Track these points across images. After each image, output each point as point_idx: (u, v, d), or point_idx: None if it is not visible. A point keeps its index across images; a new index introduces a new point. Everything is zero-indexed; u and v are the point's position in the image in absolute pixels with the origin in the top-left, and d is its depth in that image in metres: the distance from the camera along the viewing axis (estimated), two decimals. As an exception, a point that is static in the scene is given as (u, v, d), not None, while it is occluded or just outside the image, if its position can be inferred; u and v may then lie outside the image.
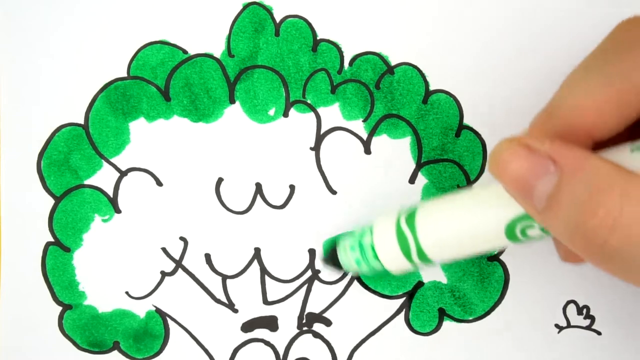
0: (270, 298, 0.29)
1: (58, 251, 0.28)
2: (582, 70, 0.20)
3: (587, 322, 0.29)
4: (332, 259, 0.27)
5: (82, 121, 0.29)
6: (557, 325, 0.29)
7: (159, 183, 0.29)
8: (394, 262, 0.24)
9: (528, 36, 0.29)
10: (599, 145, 0.20)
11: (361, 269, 0.25)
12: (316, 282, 0.29)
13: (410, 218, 0.23)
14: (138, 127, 0.29)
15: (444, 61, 0.29)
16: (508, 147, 0.19)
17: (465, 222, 0.22)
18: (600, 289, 0.29)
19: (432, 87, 0.29)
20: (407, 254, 0.23)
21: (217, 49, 0.29)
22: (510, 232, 0.21)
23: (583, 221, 0.18)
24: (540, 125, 0.20)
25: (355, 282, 0.29)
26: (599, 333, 0.29)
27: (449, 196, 0.23)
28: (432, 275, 0.29)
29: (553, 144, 0.19)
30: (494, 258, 0.29)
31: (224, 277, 0.29)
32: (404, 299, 0.29)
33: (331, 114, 0.29)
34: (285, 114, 0.29)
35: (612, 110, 0.19)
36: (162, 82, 0.29)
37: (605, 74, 0.19)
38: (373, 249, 0.24)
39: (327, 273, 0.29)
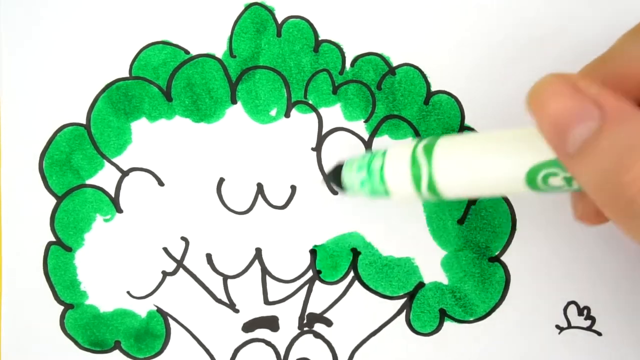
0: (271, 298, 0.29)
1: (60, 251, 0.28)
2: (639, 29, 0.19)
3: (588, 322, 0.29)
4: (335, 175, 0.26)
5: (84, 121, 0.29)
6: (557, 326, 0.29)
7: (161, 183, 0.29)
8: (401, 187, 0.23)
9: (529, 37, 0.29)
10: None
11: (363, 190, 0.24)
12: (317, 283, 0.29)
13: (429, 147, 0.22)
14: (140, 127, 0.29)
15: (445, 62, 0.29)
16: (553, 82, 0.18)
17: (486, 161, 0.20)
18: (601, 290, 0.29)
19: (433, 88, 0.29)
20: (417, 181, 0.22)
21: (219, 50, 0.29)
22: (531, 179, 0.20)
23: (616, 174, 0.17)
24: (591, 71, 0.19)
25: (356, 283, 0.29)
26: (599, 334, 0.29)
27: (473, 134, 0.21)
28: (433, 276, 0.29)
29: (602, 89, 0.18)
30: (495, 259, 0.29)
31: (225, 277, 0.29)
32: (404, 299, 0.29)
33: (333, 114, 0.29)
34: (287, 115, 0.29)
35: None
36: (164, 82, 0.29)
37: None
38: (382, 173, 0.23)
39: (324, 193, 0.28)
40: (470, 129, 0.29)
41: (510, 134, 0.20)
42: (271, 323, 0.29)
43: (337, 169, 0.26)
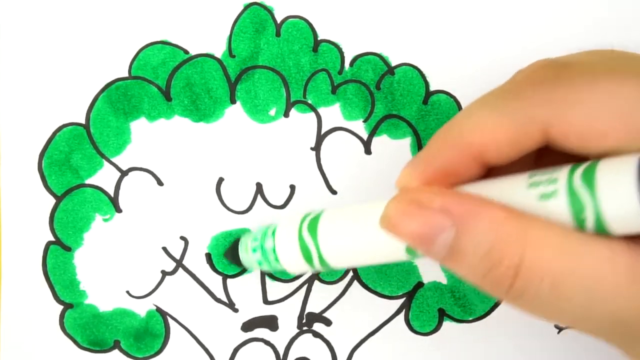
0: (270, 298, 0.29)
1: (59, 250, 0.29)
2: (478, 103, 0.20)
3: (587, 322, 0.29)
4: (232, 255, 0.27)
5: (83, 121, 0.29)
6: (556, 326, 0.29)
7: (160, 183, 0.29)
8: (295, 265, 0.24)
9: (529, 37, 0.29)
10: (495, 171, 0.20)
11: (262, 268, 0.26)
12: (316, 282, 0.29)
13: (313, 224, 0.23)
14: (139, 126, 0.29)
15: (444, 62, 0.29)
16: (398, 207, 0.19)
17: (366, 235, 0.22)
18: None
19: (432, 88, 0.29)
20: (308, 259, 0.23)
21: (218, 49, 0.29)
22: (410, 249, 0.21)
23: (488, 270, 0.18)
24: (433, 146, 0.20)
25: (356, 283, 0.29)
26: (598, 333, 0.29)
27: (355, 207, 0.22)
28: (432, 275, 0.29)
29: (445, 197, 0.19)
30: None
31: (225, 277, 0.29)
32: (404, 299, 0.29)
33: (332, 114, 0.29)
34: (286, 114, 0.29)
35: (507, 137, 0.19)
36: (163, 82, 0.29)
37: (503, 106, 0.19)
38: (275, 254, 0.24)
39: (229, 265, 0.29)
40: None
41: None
42: (270, 322, 0.29)
43: (234, 247, 0.27)
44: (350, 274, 0.29)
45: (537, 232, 0.18)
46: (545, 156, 0.21)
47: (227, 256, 0.28)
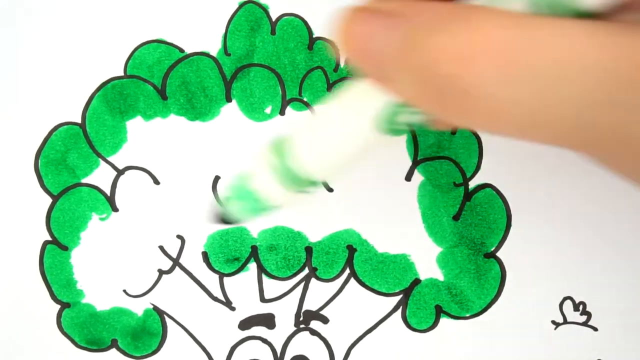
0: (267, 296, 0.29)
1: (56, 250, 0.29)
2: None
3: (584, 318, 0.29)
4: (222, 218, 0.25)
5: (79, 120, 0.29)
6: (553, 322, 0.29)
7: (156, 181, 0.29)
8: (280, 196, 0.23)
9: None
10: None
11: (254, 213, 0.24)
12: (313, 280, 0.29)
13: (278, 147, 0.22)
14: (135, 125, 0.29)
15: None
16: (351, 16, 0.17)
17: (335, 126, 0.21)
18: (596, 285, 0.29)
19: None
20: (290, 183, 0.22)
21: (214, 48, 0.29)
22: (384, 124, 0.20)
23: (430, 62, 0.16)
24: None
25: (352, 280, 0.29)
26: (595, 329, 0.29)
27: (315, 112, 0.22)
28: (428, 272, 0.29)
29: (392, 1, 0.17)
30: (491, 255, 0.29)
31: (221, 275, 0.29)
32: (400, 296, 0.29)
33: (327, 111, 0.29)
34: (282, 112, 0.29)
35: None
36: (158, 80, 0.29)
37: None
38: (254, 190, 0.23)
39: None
40: (464, 125, 0.29)
41: (348, 94, 0.20)
42: (267, 321, 0.29)
43: (219, 214, 0.25)
44: (347, 271, 0.29)
45: (480, 11, 0.16)
46: None
47: (218, 219, 0.26)
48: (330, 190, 0.29)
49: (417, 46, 0.16)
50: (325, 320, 0.29)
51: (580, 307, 0.29)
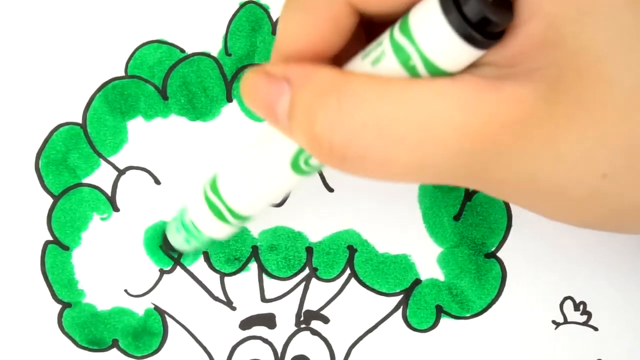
0: (268, 296, 0.29)
1: (57, 250, 0.29)
2: (288, 1, 0.20)
3: (584, 318, 0.29)
4: (166, 245, 0.27)
5: (80, 120, 0.29)
6: (554, 322, 0.29)
7: (157, 181, 0.29)
8: (215, 229, 0.24)
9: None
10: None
11: (192, 245, 0.26)
12: (314, 280, 0.29)
13: (214, 184, 0.24)
14: (136, 125, 0.29)
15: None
16: (251, 76, 0.20)
17: (256, 171, 0.22)
18: (597, 285, 0.29)
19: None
20: (222, 218, 0.24)
21: (214, 48, 0.29)
22: (296, 167, 0.21)
23: (311, 130, 0.18)
24: (274, 58, 0.21)
25: (353, 280, 0.29)
26: (595, 329, 0.29)
27: (240, 154, 0.23)
28: (429, 272, 0.29)
29: (287, 65, 0.19)
30: (491, 255, 0.29)
31: (222, 275, 0.29)
32: (401, 296, 0.29)
33: (328, 112, 0.29)
34: (282, 112, 0.29)
35: (325, 27, 0.19)
36: (159, 81, 0.29)
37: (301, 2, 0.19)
38: (194, 224, 0.25)
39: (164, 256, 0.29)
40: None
41: (266, 139, 0.22)
42: (268, 320, 0.29)
43: (165, 237, 0.28)
44: (348, 271, 0.29)
45: (358, 82, 0.18)
46: None
47: (163, 248, 0.28)
48: (331, 190, 0.29)
49: (301, 118, 0.18)
50: (325, 320, 0.29)
51: (581, 307, 0.29)
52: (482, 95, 0.17)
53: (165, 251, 0.28)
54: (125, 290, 0.29)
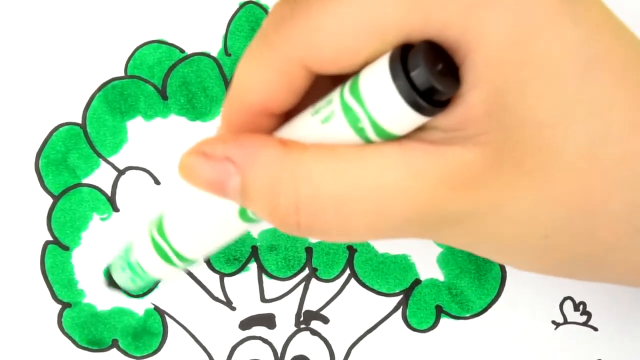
0: (267, 296, 0.29)
1: (57, 250, 0.29)
2: (244, 59, 0.20)
3: (584, 318, 0.29)
4: (112, 283, 0.27)
5: (79, 120, 0.29)
6: (554, 322, 0.29)
7: (157, 182, 0.29)
8: (161, 271, 0.24)
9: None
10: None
11: (138, 284, 0.26)
12: (313, 280, 0.29)
13: (160, 226, 0.23)
14: (135, 126, 0.29)
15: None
16: (189, 158, 0.20)
17: (204, 217, 0.22)
18: (597, 285, 0.29)
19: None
20: (168, 260, 0.24)
21: (214, 48, 0.29)
22: (244, 216, 0.21)
23: (274, 211, 0.19)
24: (225, 112, 0.21)
25: (353, 280, 0.29)
26: (595, 329, 0.29)
27: (187, 198, 0.23)
28: (429, 272, 0.29)
29: (226, 145, 0.19)
30: (491, 255, 0.29)
31: (222, 275, 0.29)
32: (401, 296, 0.29)
33: (328, 112, 0.29)
34: (282, 112, 0.29)
35: (278, 87, 0.19)
36: (159, 81, 0.29)
37: (259, 57, 0.19)
38: (139, 265, 0.25)
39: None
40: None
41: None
42: (268, 321, 0.29)
43: (111, 277, 0.27)
44: (347, 272, 0.29)
45: (309, 161, 0.18)
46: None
47: (110, 286, 0.27)
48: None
49: (260, 201, 0.19)
50: (325, 320, 0.29)
51: (580, 307, 0.29)
52: (429, 161, 0.18)
53: (110, 289, 0.28)
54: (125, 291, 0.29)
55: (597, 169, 0.18)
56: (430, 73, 0.17)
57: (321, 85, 0.20)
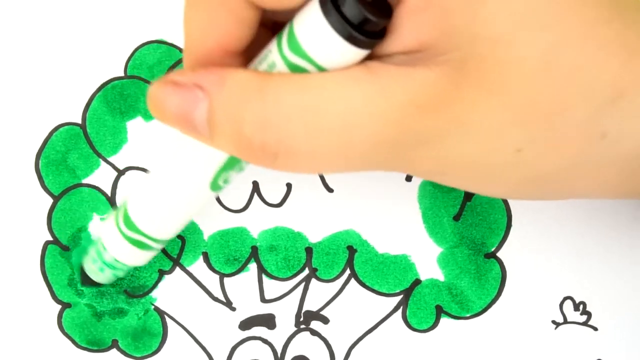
0: (267, 296, 0.29)
1: (57, 250, 0.29)
2: (187, 2, 0.20)
3: (584, 318, 0.29)
4: (86, 279, 0.28)
5: (79, 120, 0.29)
6: (553, 322, 0.29)
7: (157, 182, 0.29)
8: (134, 257, 0.25)
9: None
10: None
11: (105, 274, 0.26)
12: (313, 281, 0.29)
13: (127, 218, 0.24)
14: (135, 126, 0.29)
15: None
16: (158, 88, 0.19)
17: (174, 196, 0.22)
18: (596, 285, 0.29)
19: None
20: (140, 245, 0.24)
21: (214, 48, 0.29)
22: (215, 186, 0.22)
23: (239, 133, 0.18)
24: (186, 62, 0.21)
25: (353, 281, 0.29)
26: (595, 329, 0.29)
27: (150, 176, 0.23)
28: (429, 272, 0.29)
29: (195, 73, 0.19)
30: (491, 255, 0.29)
31: (222, 276, 0.29)
32: (401, 296, 0.29)
33: (327, 112, 0.29)
34: (282, 113, 0.29)
35: (228, 23, 0.19)
36: (159, 81, 0.29)
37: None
38: (115, 260, 0.25)
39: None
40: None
41: (180, 161, 0.22)
42: (268, 321, 0.29)
43: (84, 272, 0.28)
44: (347, 272, 0.29)
45: (277, 80, 0.18)
46: None
47: (85, 283, 0.28)
48: (331, 190, 0.29)
49: (225, 124, 0.18)
50: (325, 320, 0.29)
51: (580, 307, 0.29)
52: (395, 80, 0.18)
53: (86, 285, 0.28)
54: (125, 291, 0.29)
55: (554, 77, 0.18)
56: (360, 4, 0.17)
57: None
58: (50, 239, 0.29)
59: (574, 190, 0.22)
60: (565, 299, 0.29)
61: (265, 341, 0.29)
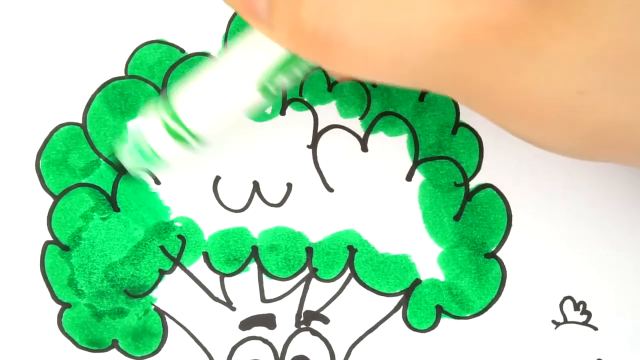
0: (267, 296, 0.29)
1: (57, 250, 0.29)
2: None
3: (584, 317, 0.29)
4: (119, 167, 0.27)
5: (80, 120, 0.29)
6: (554, 321, 0.29)
7: (157, 181, 0.29)
8: (173, 154, 0.24)
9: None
10: None
11: (141, 164, 0.25)
12: (314, 280, 0.29)
13: (172, 112, 0.23)
14: (136, 126, 0.29)
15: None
16: None
17: (221, 92, 0.22)
18: (596, 285, 0.29)
19: (428, 85, 0.29)
20: (183, 141, 0.23)
21: (214, 48, 0.29)
22: (264, 89, 0.22)
23: (296, 15, 0.17)
24: None
25: (353, 280, 0.29)
26: (595, 329, 0.29)
27: (202, 72, 0.23)
28: (429, 272, 0.29)
29: None
30: (491, 255, 0.29)
31: (222, 276, 0.29)
32: (401, 296, 0.29)
33: (328, 111, 0.29)
34: (282, 112, 0.29)
35: None
36: (159, 81, 0.29)
37: None
38: (149, 146, 0.24)
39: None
40: (465, 125, 0.29)
41: (232, 60, 0.22)
42: (268, 321, 0.29)
43: (117, 163, 0.27)
44: (348, 272, 0.29)
45: None
46: None
47: (120, 170, 0.28)
48: (331, 190, 0.29)
49: (285, 5, 0.18)
50: (325, 320, 0.29)
51: (580, 307, 0.29)
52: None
53: (117, 170, 0.28)
54: (125, 291, 0.29)
55: None
56: None
57: None
58: (50, 239, 0.29)
59: (632, 156, 0.20)
60: (565, 298, 0.29)
61: (265, 341, 0.29)
